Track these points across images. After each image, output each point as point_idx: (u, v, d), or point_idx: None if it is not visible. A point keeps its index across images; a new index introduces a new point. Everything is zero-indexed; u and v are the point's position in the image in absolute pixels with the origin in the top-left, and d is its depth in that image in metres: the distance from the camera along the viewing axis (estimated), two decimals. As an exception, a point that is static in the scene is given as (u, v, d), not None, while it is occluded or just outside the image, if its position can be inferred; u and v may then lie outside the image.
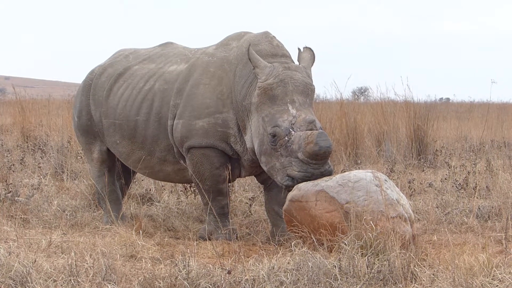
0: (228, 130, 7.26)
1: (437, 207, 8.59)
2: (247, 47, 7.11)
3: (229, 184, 7.49)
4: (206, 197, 7.32)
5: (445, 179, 10.05)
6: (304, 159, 6.62)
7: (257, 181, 7.96)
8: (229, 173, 7.30)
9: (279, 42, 7.42)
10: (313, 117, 6.85)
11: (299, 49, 7.40)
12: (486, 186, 9.39)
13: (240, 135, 7.25)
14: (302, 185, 6.60)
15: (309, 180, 6.59)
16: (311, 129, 6.74)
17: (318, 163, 6.63)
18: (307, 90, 7.02)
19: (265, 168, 6.97)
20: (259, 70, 7.01)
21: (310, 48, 7.40)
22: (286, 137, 6.74)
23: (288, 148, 6.72)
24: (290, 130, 6.74)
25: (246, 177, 8.09)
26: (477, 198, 8.94)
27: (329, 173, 6.67)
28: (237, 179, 8.33)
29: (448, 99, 31.74)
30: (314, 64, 7.33)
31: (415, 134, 12.81)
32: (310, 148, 6.58)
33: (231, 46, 7.56)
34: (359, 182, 6.30)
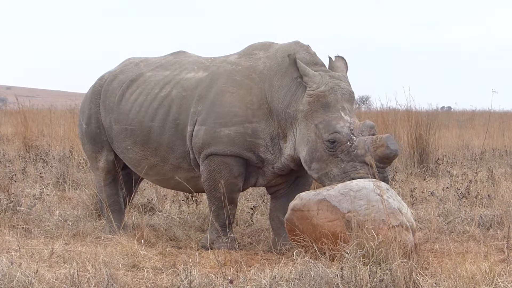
0: (257, 140, 7.23)
1: (439, 216, 8.58)
2: (290, 56, 7.07)
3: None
4: (216, 204, 7.31)
5: (447, 187, 10.05)
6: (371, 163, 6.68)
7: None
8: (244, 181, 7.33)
9: (313, 51, 7.43)
10: (372, 122, 6.94)
11: (330, 58, 7.40)
12: (488, 195, 9.39)
13: (272, 144, 7.23)
14: (304, 194, 6.60)
15: None
16: (373, 134, 6.82)
17: (384, 166, 6.73)
18: (351, 98, 7.13)
19: (315, 175, 6.97)
20: (308, 79, 7.02)
21: (342, 57, 7.44)
22: (348, 143, 6.78)
23: (351, 153, 6.76)
24: (351, 135, 6.79)
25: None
26: (478, 206, 8.94)
27: (388, 180, 6.77)
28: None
29: (449, 107, 31.73)
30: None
31: (416, 142, 12.80)
32: (381, 151, 6.66)
33: (258, 55, 7.52)
34: (360, 191, 6.31)
